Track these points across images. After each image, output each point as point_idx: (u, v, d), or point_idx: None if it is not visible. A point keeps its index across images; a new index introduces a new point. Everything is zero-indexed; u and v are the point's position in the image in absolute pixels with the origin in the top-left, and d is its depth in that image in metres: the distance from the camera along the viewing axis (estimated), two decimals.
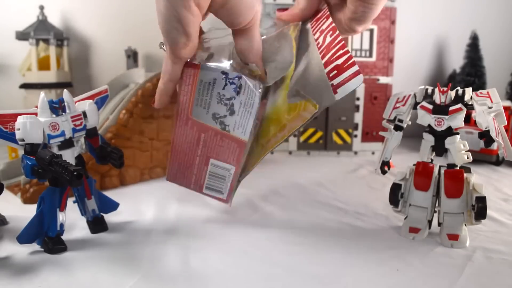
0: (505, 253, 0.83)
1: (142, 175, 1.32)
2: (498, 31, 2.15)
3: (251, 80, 0.82)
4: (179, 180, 0.97)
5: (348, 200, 1.14)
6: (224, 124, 0.86)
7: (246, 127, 0.85)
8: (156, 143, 1.34)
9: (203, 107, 0.85)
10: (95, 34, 1.95)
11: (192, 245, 0.86)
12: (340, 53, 0.80)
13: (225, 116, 0.85)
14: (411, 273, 0.75)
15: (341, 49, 0.80)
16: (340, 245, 0.87)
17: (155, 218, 1.01)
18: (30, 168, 0.76)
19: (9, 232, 0.92)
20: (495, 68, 2.04)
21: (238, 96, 0.82)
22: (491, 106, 0.84)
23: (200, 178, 0.95)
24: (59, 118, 0.82)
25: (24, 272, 0.74)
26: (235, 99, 0.83)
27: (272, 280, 0.73)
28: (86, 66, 1.98)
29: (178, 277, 0.73)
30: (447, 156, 0.89)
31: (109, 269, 0.76)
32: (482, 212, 0.84)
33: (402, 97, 0.92)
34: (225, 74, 0.81)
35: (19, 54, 1.78)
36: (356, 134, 1.68)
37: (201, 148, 0.90)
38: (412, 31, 2.03)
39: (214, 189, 0.95)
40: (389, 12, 1.64)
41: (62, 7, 1.90)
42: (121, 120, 1.25)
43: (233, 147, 0.88)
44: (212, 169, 0.93)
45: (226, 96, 0.83)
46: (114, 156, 0.90)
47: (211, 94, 0.83)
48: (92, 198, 0.91)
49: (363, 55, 1.67)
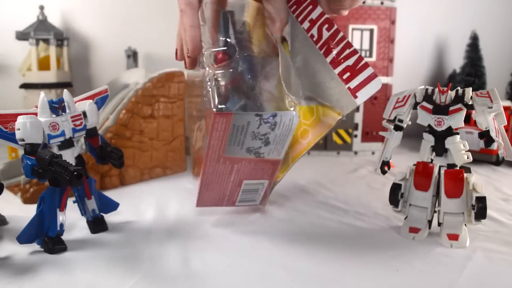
0: (505, 253, 0.83)
1: (142, 175, 1.31)
2: (498, 31, 2.15)
3: (285, 114, 0.78)
4: (210, 204, 0.97)
5: (348, 200, 1.14)
6: (258, 153, 0.83)
7: (281, 150, 0.84)
8: (156, 143, 1.34)
9: (236, 144, 0.81)
10: (95, 34, 1.95)
11: (192, 245, 0.86)
12: (347, 52, 0.78)
13: (259, 147, 0.82)
14: (411, 273, 0.75)
15: (347, 48, 0.78)
16: (340, 245, 0.87)
17: (155, 218, 1.01)
18: (30, 168, 0.76)
19: (9, 232, 0.92)
20: (495, 68, 2.04)
21: (273, 131, 0.79)
22: (491, 106, 0.84)
23: (232, 197, 0.95)
24: (59, 118, 0.82)
25: (24, 272, 0.74)
26: (270, 133, 0.80)
27: (272, 280, 0.73)
28: (86, 66, 1.98)
29: (178, 277, 0.73)
30: (447, 156, 0.89)
31: (109, 269, 0.76)
32: (482, 212, 0.84)
33: (402, 97, 0.92)
34: (259, 116, 0.77)
35: (19, 54, 1.78)
36: (356, 134, 1.68)
37: (234, 175, 0.89)
38: (412, 31, 2.03)
39: (247, 200, 0.96)
40: (389, 12, 1.64)
41: (62, 7, 1.90)
42: (121, 120, 1.25)
43: (267, 167, 0.88)
44: (245, 187, 0.93)
45: (261, 133, 0.79)
46: (114, 156, 0.90)
47: (245, 133, 0.79)
48: (92, 198, 0.91)
49: (363, 55, 1.66)
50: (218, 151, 0.82)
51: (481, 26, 1.98)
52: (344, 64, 0.78)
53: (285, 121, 0.79)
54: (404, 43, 1.89)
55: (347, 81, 0.78)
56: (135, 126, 1.28)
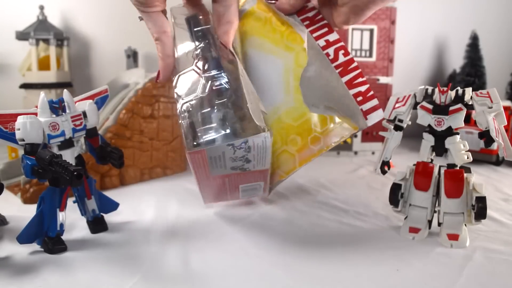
0: (505, 253, 0.83)
1: (142, 175, 1.31)
2: (498, 31, 2.15)
3: (257, 137, 0.78)
4: (215, 201, 1.02)
5: (348, 200, 1.14)
6: (243, 168, 0.85)
7: (265, 162, 0.84)
8: (156, 143, 1.34)
9: (219, 167, 0.83)
10: (95, 34, 1.95)
11: (192, 245, 0.86)
12: (359, 80, 0.91)
13: (242, 165, 0.83)
14: (411, 273, 0.75)
15: (360, 77, 0.91)
16: (340, 245, 0.87)
17: (155, 218, 1.01)
18: (30, 168, 0.76)
19: (9, 232, 0.92)
20: (495, 68, 2.04)
21: (249, 152, 0.80)
22: (491, 106, 0.84)
23: (234, 195, 0.98)
24: (59, 118, 0.82)
25: (24, 272, 0.74)
26: (248, 154, 0.81)
27: (272, 280, 0.73)
28: (86, 66, 1.98)
29: (178, 277, 0.73)
30: (447, 156, 0.89)
31: (109, 269, 0.76)
32: (482, 212, 0.84)
33: (402, 97, 0.92)
34: (231, 145, 0.78)
35: (19, 54, 1.78)
36: (356, 134, 1.67)
37: (227, 185, 0.91)
38: (412, 31, 2.03)
39: (250, 195, 0.99)
40: (389, 12, 1.64)
41: (62, 7, 1.90)
42: (121, 120, 1.25)
43: (257, 175, 0.89)
44: (243, 189, 0.95)
45: (239, 156, 0.81)
46: (114, 156, 0.90)
47: (224, 159, 0.81)
48: (92, 198, 0.91)
49: (363, 55, 1.67)
50: (204, 174, 0.85)
51: (481, 26, 1.98)
52: (357, 89, 0.90)
53: (258, 143, 0.79)
54: (404, 43, 1.89)
55: (360, 103, 0.90)
56: (135, 126, 1.28)
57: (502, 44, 2.17)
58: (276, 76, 0.91)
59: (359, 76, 0.90)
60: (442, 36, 2.13)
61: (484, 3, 2.13)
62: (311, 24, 0.94)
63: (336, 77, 0.91)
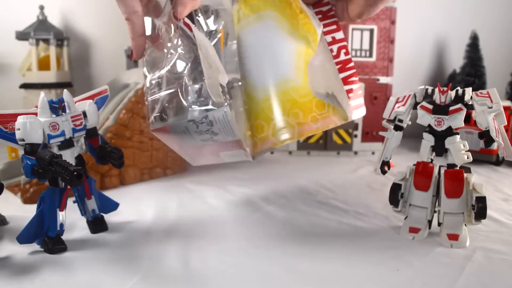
0: (505, 253, 0.83)
1: (142, 175, 1.31)
2: (498, 31, 2.15)
3: (216, 112, 0.79)
4: (201, 163, 1.02)
5: (348, 200, 1.14)
6: (214, 140, 0.85)
7: (233, 133, 0.84)
8: (156, 143, 1.34)
9: (189, 139, 0.84)
10: (95, 34, 1.95)
11: (192, 245, 0.86)
12: (353, 79, 0.99)
13: (211, 137, 0.85)
14: (411, 273, 0.75)
15: (354, 76, 0.99)
16: (340, 245, 0.87)
17: (155, 218, 1.01)
18: (30, 168, 0.76)
19: (9, 232, 0.92)
20: (495, 68, 2.04)
21: (213, 126, 0.81)
22: (491, 106, 0.84)
23: (218, 160, 0.98)
24: (59, 118, 0.82)
25: (24, 272, 0.74)
26: (212, 128, 0.82)
27: (272, 280, 0.73)
28: (86, 66, 1.98)
29: (178, 277, 0.73)
30: (447, 156, 0.89)
31: (109, 269, 0.76)
32: (482, 212, 0.84)
33: (402, 97, 0.92)
34: (192, 121, 0.79)
35: (19, 54, 1.78)
36: (356, 134, 1.67)
37: (207, 152, 0.93)
38: (412, 31, 2.03)
39: (235, 160, 0.98)
40: (389, 12, 1.64)
41: (62, 7, 1.90)
42: (121, 120, 1.25)
43: (232, 144, 0.89)
44: (224, 155, 0.95)
45: (204, 130, 0.82)
46: (114, 156, 0.90)
47: (190, 133, 0.82)
48: (92, 198, 0.91)
49: (363, 55, 1.67)
50: (177, 146, 0.87)
51: (481, 26, 1.98)
52: (350, 86, 0.99)
53: (219, 117, 0.79)
54: (404, 43, 1.89)
55: (350, 98, 0.99)
56: (135, 126, 1.28)
57: (502, 44, 2.17)
58: (290, 55, 0.96)
59: (354, 75, 0.99)
60: (442, 36, 2.13)
61: (484, 3, 2.13)
62: (323, 19, 1.00)
63: (335, 71, 0.99)
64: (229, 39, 0.96)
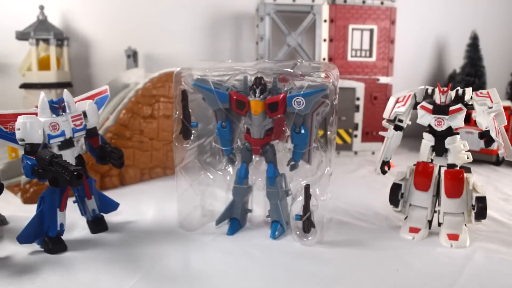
0: (505, 253, 0.83)
1: (142, 175, 1.31)
2: (498, 31, 2.15)
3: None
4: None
5: (348, 200, 1.14)
6: None
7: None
8: (156, 143, 1.34)
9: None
10: (95, 34, 1.95)
11: (192, 245, 0.86)
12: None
13: None
14: (411, 273, 0.75)
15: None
16: (340, 245, 0.87)
17: (155, 218, 1.01)
18: (30, 168, 0.76)
19: (9, 232, 0.92)
20: (495, 68, 2.04)
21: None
22: (491, 106, 0.84)
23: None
24: (59, 118, 0.82)
25: (24, 272, 0.74)
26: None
27: (272, 280, 0.73)
28: (86, 66, 1.98)
29: (178, 277, 0.73)
30: (447, 156, 0.89)
31: (109, 269, 0.76)
32: (482, 212, 0.84)
33: (402, 97, 0.92)
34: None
35: (19, 54, 1.78)
36: (356, 134, 1.68)
37: None
38: (412, 31, 2.03)
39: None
40: (389, 12, 1.64)
41: (62, 7, 1.90)
42: (121, 120, 1.25)
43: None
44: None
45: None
46: (114, 156, 0.90)
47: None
48: (92, 198, 0.91)
49: (363, 55, 1.67)
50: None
51: (481, 26, 1.97)
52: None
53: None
54: (404, 43, 1.89)
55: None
56: (135, 126, 1.28)
57: (502, 44, 2.17)
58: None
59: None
60: (442, 36, 2.13)
61: (484, 3, 2.13)
62: None
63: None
64: None
